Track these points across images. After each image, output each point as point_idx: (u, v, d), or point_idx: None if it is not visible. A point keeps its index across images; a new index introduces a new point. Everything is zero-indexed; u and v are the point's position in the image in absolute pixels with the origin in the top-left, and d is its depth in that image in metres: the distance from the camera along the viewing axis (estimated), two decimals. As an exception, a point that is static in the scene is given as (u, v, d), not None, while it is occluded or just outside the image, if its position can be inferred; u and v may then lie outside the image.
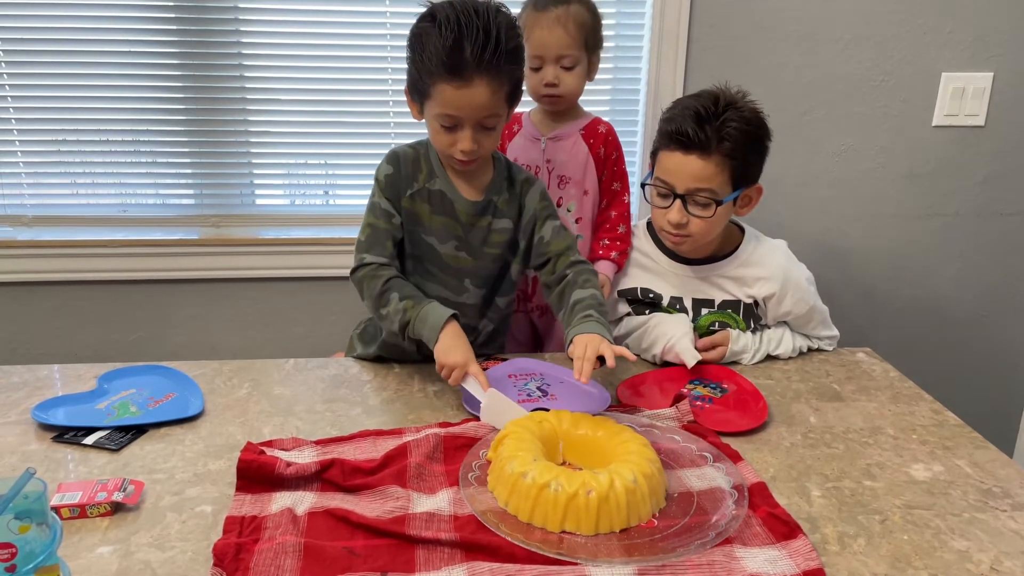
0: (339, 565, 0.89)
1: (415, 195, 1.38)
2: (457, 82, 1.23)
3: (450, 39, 1.21)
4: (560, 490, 0.95)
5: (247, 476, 1.04)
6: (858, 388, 1.39)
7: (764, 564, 0.91)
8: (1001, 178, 2.03)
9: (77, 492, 0.99)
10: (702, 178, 1.38)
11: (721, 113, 1.37)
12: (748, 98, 1.42)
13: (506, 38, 1.23)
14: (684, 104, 1.41)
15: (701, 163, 1.37)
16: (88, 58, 1.87)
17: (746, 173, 1.42)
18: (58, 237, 1.94)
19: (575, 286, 1.36)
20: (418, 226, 1.39)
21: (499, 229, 1.41)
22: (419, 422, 1.24)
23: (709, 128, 1.36)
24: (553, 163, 1.62)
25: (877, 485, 1.09)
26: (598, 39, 1.58)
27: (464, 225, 1.39)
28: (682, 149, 1.38)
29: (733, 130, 1.36)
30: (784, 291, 1.49)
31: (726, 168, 1.39)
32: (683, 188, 1.40)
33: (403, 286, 1.34)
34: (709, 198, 1.40)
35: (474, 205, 1.39)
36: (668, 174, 1.42)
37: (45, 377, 1.38)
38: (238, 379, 1.38)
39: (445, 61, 1.23)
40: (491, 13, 1.24)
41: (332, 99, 1.94)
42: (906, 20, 1.90)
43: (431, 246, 1.40)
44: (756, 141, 1.41)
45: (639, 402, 1.30)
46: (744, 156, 1.39)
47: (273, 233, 1.99)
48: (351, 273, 1.38)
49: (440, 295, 1.42)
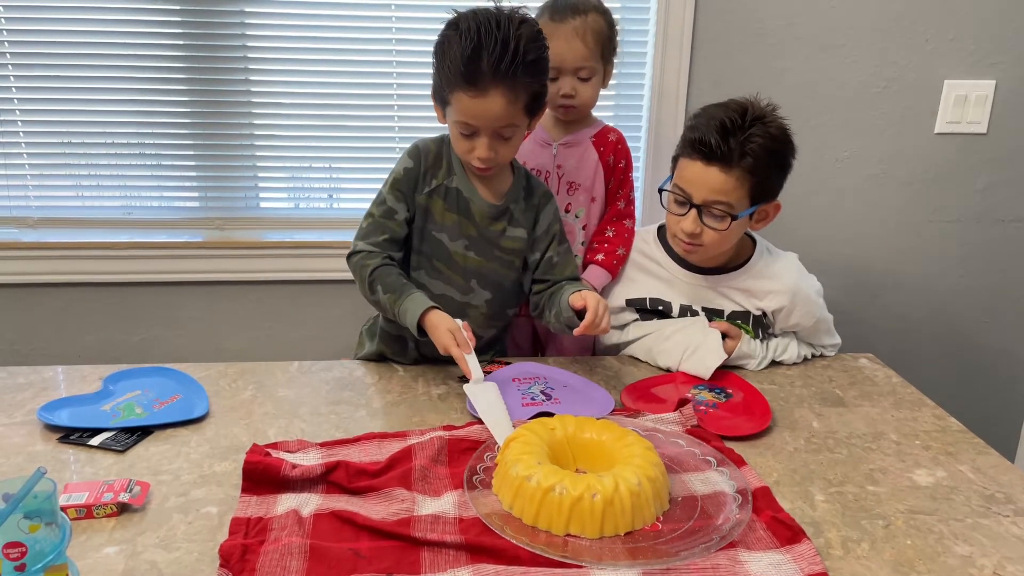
0: (345, 566, 0.90)
1: (432, 192, 1.39)
2: (473, 91, 1.25)
3: (469, 48, 1.23)
4: (565, 493, 0.96)
5: (253, 478, 1.05)
6: (861, 394, 1.40)
7: (768, 568, 0.91)
8: (1002, 185, 2.04)
9: (83, 493, 1.00)
10: (720, 191, 1.37)
11: (747, 127, 1.34)
12: (777, 112, 1.39)
13: (525, 50, 1.24)
14: (710, 113, 1.39)
15: (722, 176, 1.36)
16: (93, 61, 1.88)
17: (766, 189, 1.40)
18: (63, 239, 1.94)
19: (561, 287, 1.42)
20: (429, 222, 1.40)
21: (513, 237, 1.43)
22: (423, 425, 1.24)
23: (733, 141, 1.34)
24: (563, 169, 1.63)
25: (880, 490, 1.09)
26: (613, 47, 1.58)
27: (478, 226, 1.40)
28: (703, 159, 1.37)
29: (757, 147, 1.34)
30: (793, 305, 1.49)
31: (746, 183, 1.37)
32: (700, 198, 1.39)
33: (386, 276, 1.35)
34: (725, 211, 1.38)
35: (492, 208, 1.40)
36: (687, 183, 1.41)
37: (50, 378, 1.39)
38: (243, 381, 1.38)
39: (462, 70, 1.24)
40: (513, 24, 1.24)
41: (337, 103, 1.94)
42: (909, 27, 1.91)
43: (440, 242, 1.41)
44: (780, 159, 1.39)
45: (643, 406, 1.31)
46: (766, 173, 1.37)
47: (277, 236, 2.00)
48: (347, 258, 1.41)
49: (446, 294, 1.43)
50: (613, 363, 1.50)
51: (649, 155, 1.97)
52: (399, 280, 1.36)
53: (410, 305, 1.31)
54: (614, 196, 1.65)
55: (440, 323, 1.29)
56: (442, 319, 1.29)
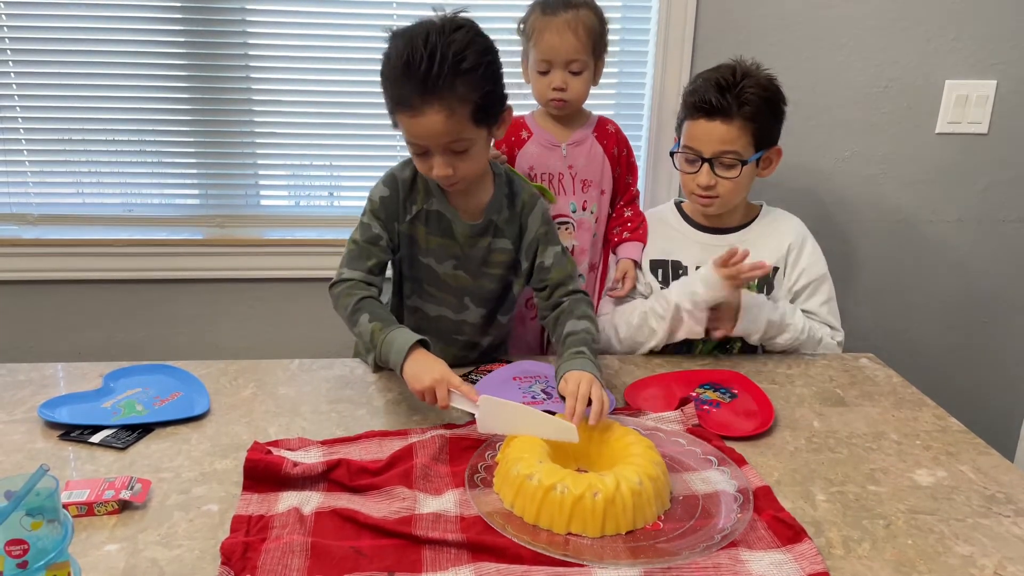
0: (346, 565, 0.90)
1: (414, 219, 1.36)
2: (408, 111, 1.18)
3: (398, 68, 1.17)
4: (566, 492, 0.96)
5: (254, 476, 1.05)
6: (861, 393, 1.40)
7: (769, 568, 0.91)
8: (1003, 185, 2.04)
9: (84, 490, 1.00)
10: (726, 140, 1.50)
11: (739, 82, 1.49)
12: (762, 68, 1.54)
13: (459, 59, 1.15)
14: (705, 76, 1.53)
15: (725, 127, 1.49)
16: (94, 57, 1.87)
17: (766, 135, 1.54)
18: (63, 236, 1.94)
19: (570, 316, 1.32)
20: (415, 248, 1.38)
21: (499, 249, 1.39)
22: (424, 423, 1.24)
23: (730, 95, 1.48)
24: (575, 168, 1.64)
25: (881, 490, 1.09)
26: (604, 44, 1.59)
27: (462, 246, 1.38)
28: (706, 116, 1.50)
29: (752, 95, 1.49)
30: (803, 243, 1.60)
31: (748, 131, 1.50)
32: (710, 152, 1.51)
33: (375, 307, 1.29)
34: (735, 159, 1.51)
35: (472, 227, 1.36)
36: (695, 140, 1.53)
37: (51, 375, 1.39)
38: (243, 379, 1.38)
39: (393, 92, 1.20)
40: (444, 34, 1.16)
41: (337, 100, 1.94)
42: (910, 27, 1.91)
43: (428, 266, 1.39)
44: (773, 105, 1.54)
45: (644, 405, 1.31)
46: (763, 119, 1.51)
47: (277, 234, 2.00)
48: (329, 287, 1.33)
49: (441, 315, 1.42)
50: (614, 362, 1.50)
51: (650, 153, 1.97)
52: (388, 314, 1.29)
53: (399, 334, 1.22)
54: (623, 183, 1.71)
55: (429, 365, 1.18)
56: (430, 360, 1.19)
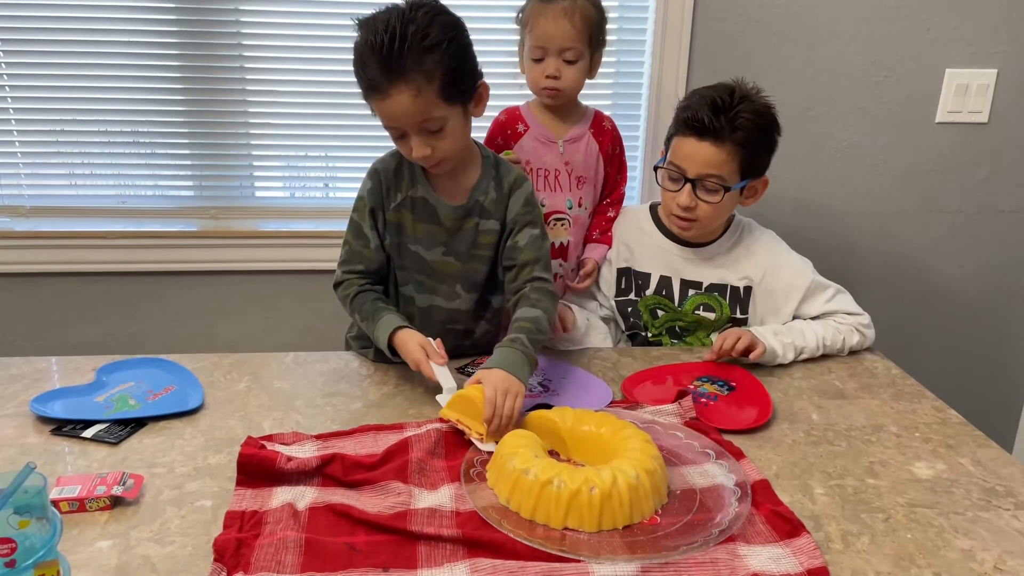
0: (340, 561, 0.89)
1: (399, 206, 1.37)
2: (378, 95, 1.22)
3: (363, 53, 1.21)
4: (563, 487, 0.95)
5: (248, 471, 1.03)
6: (860, 386, 1.39)
7: (767, 562, 0.90)
8: (1003, 175, 2.03)
9: (76, 486, 0.99)
10: (713, 164, 1.44)
11: (736, 104, 1.43)
12: (762, 94, 1.48)
13: (422, 35, 1.17)
14: (701, 94, 1.47)
15: (713, 149, 1.43)
16: (87, 48, 1.85)
17: (754, 164, 1.48)
18: (56, 228, 1.93)
19: (526, 302, 1.32)
20: (403, 236, 1.38)
21: (486, 231, 1.38)
22: (420, 417, 1.23)
23: (724, 117, 1.42)
24: (572, 165, 1.62)
25: (880, 483, 1.09)
26: (602, 37, 1.57)
27: (449, 230, 1.37)
28: (696, 135, 1.44)
29: (746, 121, 1.42)
30: (776, 260, 1.54)
31: (736, 157, 1.44)
32: (694, 172, 1.45)
33: (363, 304, 1.35)
34: (718, 184, 1.45)
35: (456, 209, 1.36)
36: (681, 159, 1.47)
37: (43, 369, 1.38)
38: (237, 372, 1.37)
39: (362, 80, 1.23)
40: (404, 15, 1.18)
41: (332, 91, 1.92)
42: (910, 16, 1.89)
43: (417, 254, 1.38)
44: (766, 134, 1.47)
45: (641, 398, 1.30)
46: (754, 147, 1.45)
47: (273, 226, 1.98)
48: (334, 288, 1.40)
49: (432, 304, 1.41)
50: (611, 355, 1.49)
51: (648, 145, 1.96)
52: (374, 305, 1.35)
53: (381, 328, 1.30)
54: (614, 181, 1.69)
55: (409, 339, 1.27)
56: (411, 336, 1.28)
